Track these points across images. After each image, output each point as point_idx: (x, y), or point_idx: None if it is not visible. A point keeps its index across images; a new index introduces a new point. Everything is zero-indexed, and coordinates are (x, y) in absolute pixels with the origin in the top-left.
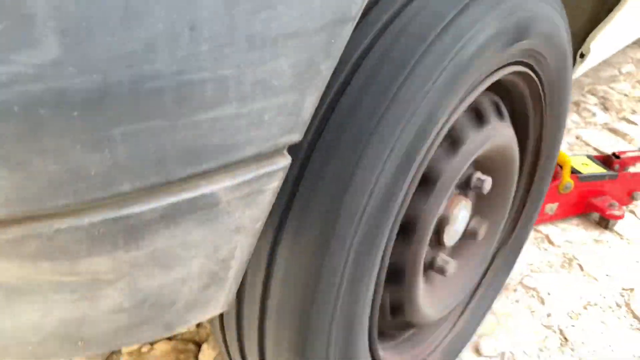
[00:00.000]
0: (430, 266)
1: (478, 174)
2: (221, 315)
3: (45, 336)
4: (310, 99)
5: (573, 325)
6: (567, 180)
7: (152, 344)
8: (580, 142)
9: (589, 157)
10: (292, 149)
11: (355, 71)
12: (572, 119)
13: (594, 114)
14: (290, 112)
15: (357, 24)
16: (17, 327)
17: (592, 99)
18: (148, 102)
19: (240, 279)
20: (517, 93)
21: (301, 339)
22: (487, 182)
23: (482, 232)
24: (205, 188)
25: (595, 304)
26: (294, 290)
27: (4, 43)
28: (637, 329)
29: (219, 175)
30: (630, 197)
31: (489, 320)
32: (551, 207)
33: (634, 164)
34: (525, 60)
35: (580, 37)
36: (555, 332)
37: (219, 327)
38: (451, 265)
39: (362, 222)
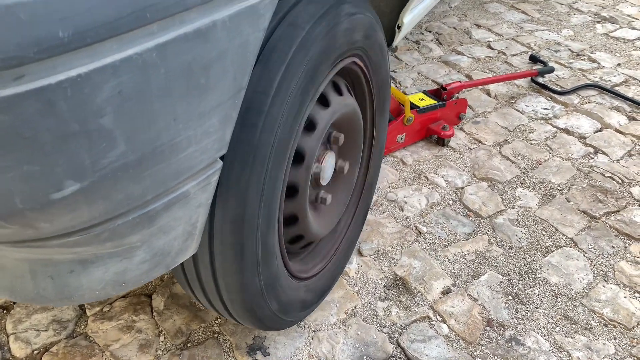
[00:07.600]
0: (315, 200)
1: (335, 132)
2: (182, 266)
3: (106, 284)
4: (229, 132)
5: (424, 221)
6: (409, 115)
7: (111, 303)
8: (421, 76)
9: (423, 92)
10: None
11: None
12: (413, 56)
13: (430, 50)
14: (220, 140)
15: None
16: (89, 282)
17: (429, 36)
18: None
19: (202, 234)
20: (354, 74)
21: (237, 264)
22: (342, 137)
23: (346, 169)
24: (185, 187)
25: (438, 203)
26: (230, 230)
27: None
28: (467, 215)
29: (190, 179)
30: (458, 118)
31: (365, 230)
32: (401, 137)
33: (458, 92)
34: (357, 53)
35: (395, 14)
36: (412, 229)
37: (182, 275)
38: (329, 198)
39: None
